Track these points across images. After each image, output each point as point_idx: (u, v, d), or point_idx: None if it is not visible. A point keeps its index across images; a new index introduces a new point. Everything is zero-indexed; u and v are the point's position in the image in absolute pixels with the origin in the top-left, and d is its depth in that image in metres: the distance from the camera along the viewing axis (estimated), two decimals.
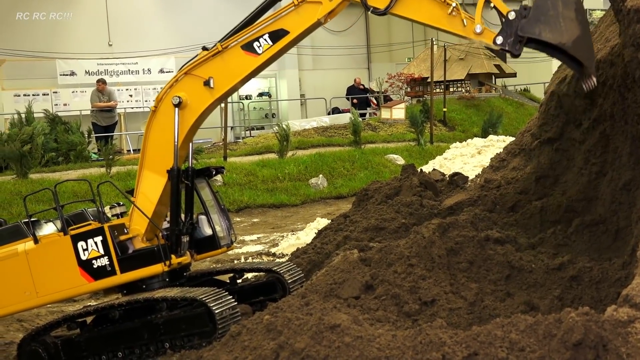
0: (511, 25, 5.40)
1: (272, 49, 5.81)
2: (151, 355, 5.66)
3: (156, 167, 5.98)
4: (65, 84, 23.11)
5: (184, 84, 5.93)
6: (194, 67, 5.92)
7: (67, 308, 7.92)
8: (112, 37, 25.03)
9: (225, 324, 5.44)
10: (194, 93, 5.89)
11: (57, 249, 5.83)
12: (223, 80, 5.88)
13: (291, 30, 5.79)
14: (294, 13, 5.77)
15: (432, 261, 5.48)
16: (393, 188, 8.21)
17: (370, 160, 17.87)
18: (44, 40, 23.40)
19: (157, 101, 5.99)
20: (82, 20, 24.54)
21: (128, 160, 17.60)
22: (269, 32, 5.80)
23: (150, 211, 5.97)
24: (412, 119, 19.82)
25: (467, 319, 5.05)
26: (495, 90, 27.12)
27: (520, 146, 7.93)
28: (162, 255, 5.79)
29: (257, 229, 13.04)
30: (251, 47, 5.82)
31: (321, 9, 5.72)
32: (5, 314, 6.17)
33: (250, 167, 16.68)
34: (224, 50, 5.85)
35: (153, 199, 5.98)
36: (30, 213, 6.13)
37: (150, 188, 6.00)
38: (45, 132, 17.47)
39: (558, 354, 3.75)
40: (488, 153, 13.56)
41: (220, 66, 5.86)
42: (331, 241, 7.51)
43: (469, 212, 6.77)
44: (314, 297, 5.27)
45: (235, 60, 5.86)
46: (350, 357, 4.10)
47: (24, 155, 15.14)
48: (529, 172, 7.18)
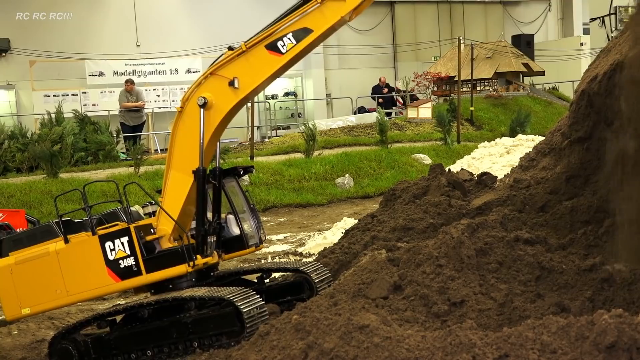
0: None
1: (295, 47, 5.77)
2: (180, 354, 5.69)
3: (183, 168, 5.99)
4: (94, 84, 23.36)
5: (209, 85, 5.92)
6: (219, 67, 5.90)
7: (97, 306, 8.02)
8: (140, 37, 25.26)
9: (253, 323, 5.45)
10: (219, 93, 5.88)
11: (86, 248, 5.89)
12: (247, 80, 5.86)
13: (315, 29, 5.74)
14: (317, 11, 5.72)
15: (461, 262, 5.44)
16: (421, 188, 8.17)
17: (397, 160, 17.81)
18: (73, 41, 23.69)
19: (183, 101, 6.00)
20: (110, 21, 24.83)
21: (156, 160, 17.75)
22: (292, 31, 5.76)
23: (177, 211, 5.99)
24: (439, 118, 19.71)
25: (496, 320, 5.01)
26: (523, 88, 26.85)
27: (550, 145, 7.83)
28: (186, 256, 5.81)
29: (283, 229, 13.07)
30: (275, 46, 5.78)
31: (345, 6, 5.68)
32: (37, 312, 6.25)
33: (276, 166, 16.72)
34: (248, 50, 5.82)
35: (180, 200, 6.00)
36: (61, 213, 6.20)
37: (177, 188, 6.01)
38: (74, 132, 17.74)
39: (590, 357, 3.71)
40: (517, 152, 13.44)
41: (244, 66, 5.84)
42: (358, 241, 7.50)
43: (498, 212, 6.71)
44: (342, 297, 5.27)
45: (259, 60, 5.83)
46: (380, 357, 4.10)
47: (54, 155, 15.34)
48: (559, 171, 7.09)
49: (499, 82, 26.34)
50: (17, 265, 5.97)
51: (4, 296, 6.04)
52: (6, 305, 6.06)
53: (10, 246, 6.13)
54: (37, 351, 6.73)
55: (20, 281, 5.96)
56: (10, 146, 17.13)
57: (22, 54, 23.20)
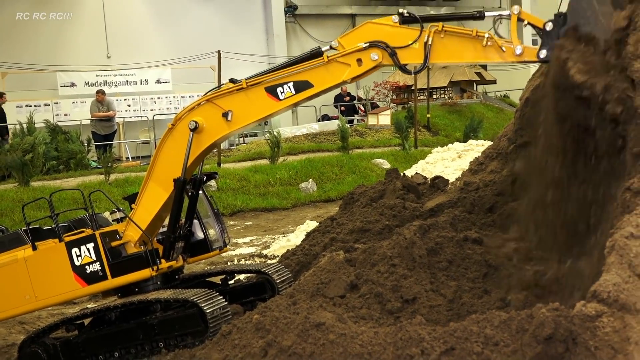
0: (551, 35, 5.20)
1: (293, 97, 5.67)
2: (146, 354, 5.65)
3: (162, 182, 5.89)
4: (66, 94, 23.03)
5: (204, 110, 5.79)
6: (217, 96, 5.79)
7: (67, 310, 7.90)
8: (110, 49, 24.98)
9: (216, 323, 5.44)
10: (211, 121, 5.76)
11: (53, 255, 5.82)
12: (241, 116, 5.74)
13: (315, 85, 5.63)
14: (322, 68, 5.61)
15: (414, 261, 5.49)
16: (377, 191, 8.21)
17: (358, 165, 17.89)
18: (44, 53, 23.30)
19: (175, 120, 5.89)
20: (81, 33, 24.48)
21: (126, 167, 17.57)
22: (294, 80, 5.64)
23: (147, 221, 5.91)
24: (397, 124, 19.88)
25: (446, 316, 5.07)
26: (476, 96, 27.25)
27: (497, 150, 7.95)
28: (149, 261, 5.77)
29: (249, 232, 13.03)
30: (274, 91, 5.66)
31: (349, 71, 5.59)
32: (7, 317, 6.14)
33: (243, 172, 16.67)
34: (248, 88, 5.69)
35: (152, 210, 5.91)
36: (29, 220, 6.11)
37: (151, 199, 5.93)
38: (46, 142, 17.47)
39: (530, 348, 3.78)
40: (468, 157, 13.58)
41: (241, 102, 5.72)
42: (319, 243, 7.50)
43: (448, 214, 6.77)
44: (301, 296, 5.28)
45: (256, 100, 5.71)
46: (335, 353, 4.13)
47: (26, 164, 15.13)
48: (505, 174, 7.20)
49: (454, 91, 26.68)
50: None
51: None
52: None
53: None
54: (7, 355, 6.60)
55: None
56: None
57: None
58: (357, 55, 5.54)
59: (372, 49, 5.49)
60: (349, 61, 5.57)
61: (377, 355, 4.00)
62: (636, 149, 4.67)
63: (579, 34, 5.17)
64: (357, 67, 5.56)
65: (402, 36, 5.48)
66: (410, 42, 5.42)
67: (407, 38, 5.45)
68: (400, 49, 5.45)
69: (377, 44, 5.48)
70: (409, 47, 5.43)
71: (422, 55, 5.41)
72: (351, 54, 5.55)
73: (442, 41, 5.40)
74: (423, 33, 5.41)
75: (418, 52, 5.43)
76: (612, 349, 3.67)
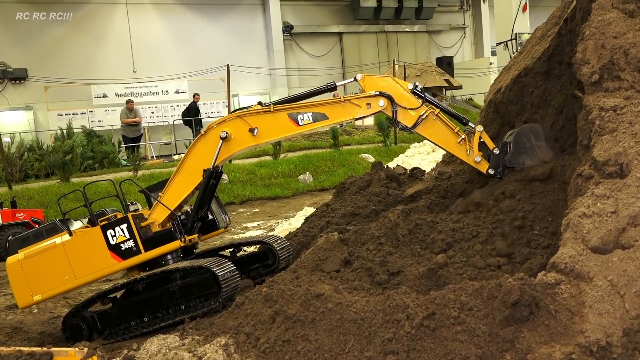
0: (498, 158, 5.74)
1: (310, 125, 5.79)
2: (171, 317, 5.57)
3: (189, 177, 5.89)
4: (99, 104, 22.97)
5: (233, 123, 5.82)
6: (247, 114, 5.82)
7: (103, 286, 7.81)
8: (136, 65, 24.91)
9: (227, 284, 5.38)
10: (239, 134, 5.80)
11: (89, 238, 5.72)
12: (265, 133, 5.80)
13: (330, 117, 5.80)
14: (339, 105, 5.80)
15: (397, 239, 5.43)
16: (365, 181, 8.15)
17: (347, 159, 17.82)
18: (80, 69, 23.39)
19: (207, 128, 5.90)
20: (111, 52, 24.56)
21: (151, 165, 17.46)
22: (313, 112, 5.78)
23: (172, 206, 5.90)
24: (380, 125, 19.82)
25: (426, 286, 5.01)
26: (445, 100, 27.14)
27: None
28: (177, 234, 5.75)
29: (257, 217, 12.96)
30: (295, 117, 5.78)
31: (360, 112, 5.81)
32: (51, 296, 6.03)
33: (250, 167, 16.59)
34: (274, 111, 5.78)
35: (177, 199, 5.92)
36: (65, 211, 6.05)
37: (178, 191, 5.91)
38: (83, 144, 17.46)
39: (499, 312, 3.73)
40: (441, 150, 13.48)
41: (267, 121, 5.78)
42: (316, 225, 7.44)
43: (426, 199, 6.72)
44: (303, 271, 5.21)
45: (279, 122, 5.79)
46: (333, 319, 4.06)
47: (66, 163, 15.15)
48: None
49: None
50: (27, 259, 5.75)
51: (15, 287, 5.80)
52: (18, 294, 5.81)
53: (18, 245, 5.90)
54: (54, 326, 6.53)
55: (30, 273, 5.73)
56: (29, 157, 16.85)
57: (38, 81, 22.70)
58: (367, 100, 5.80)
59: (381, 97, 5.77)
60: (361, 103, 5.82)
61: (369, 321, 3.94)
62: (585, 141, 4.61)
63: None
64: (366, 109, 5.82)
65: (408, 101, 5.81)
66: (411, 108, 5.77)
67: (410, 104, 5.79)
68: (402, 108, 5.77)
69: (386, 95, 5.77)
70: (408, 110, 5.77)
71: (413, 122, 5.78)
72: (362, 99, 5.82)
73: (432, 121, 5.78)
74: (423, 108, 5.76)
75: (412, 118, 5.78)
76: (570, 311, 3.63)
